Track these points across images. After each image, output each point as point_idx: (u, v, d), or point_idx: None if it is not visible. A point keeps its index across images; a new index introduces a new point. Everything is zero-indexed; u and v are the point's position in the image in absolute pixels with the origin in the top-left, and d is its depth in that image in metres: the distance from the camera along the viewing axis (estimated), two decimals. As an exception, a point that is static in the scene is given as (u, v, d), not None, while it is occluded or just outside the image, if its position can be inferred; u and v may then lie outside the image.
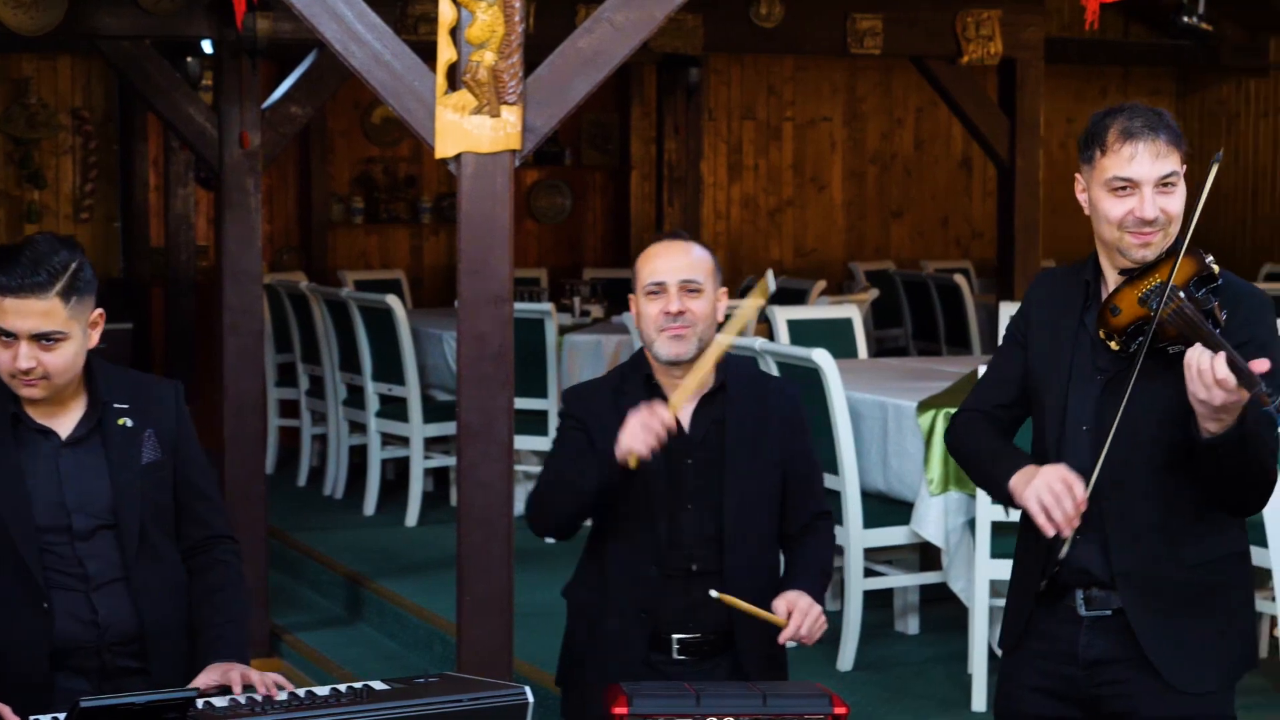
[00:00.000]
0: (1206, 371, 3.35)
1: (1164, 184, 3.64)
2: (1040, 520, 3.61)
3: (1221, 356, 3.34)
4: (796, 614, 4.06)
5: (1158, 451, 3.66)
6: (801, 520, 4.37)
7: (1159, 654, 3.67)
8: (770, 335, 9.08)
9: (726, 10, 9.76)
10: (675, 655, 4.25)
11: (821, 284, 11.89)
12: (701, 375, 4.16)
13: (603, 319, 10.69)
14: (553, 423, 9.07)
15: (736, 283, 14.02)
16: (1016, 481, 3.70)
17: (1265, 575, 5.56)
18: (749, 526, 4.26)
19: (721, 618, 4.23)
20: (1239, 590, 3.78)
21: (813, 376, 6.90)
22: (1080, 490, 3.60)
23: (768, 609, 4.16)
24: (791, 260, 14.88)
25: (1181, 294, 3.55)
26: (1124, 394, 3.61)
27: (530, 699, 3.62)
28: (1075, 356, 3.75)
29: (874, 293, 12.09)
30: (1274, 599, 5.02)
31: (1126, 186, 3.64)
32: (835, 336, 9.03)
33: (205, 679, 3.86)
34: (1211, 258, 3.62)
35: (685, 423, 4.27)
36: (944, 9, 10.05)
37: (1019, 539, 3.86)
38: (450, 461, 9.54)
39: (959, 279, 12.49)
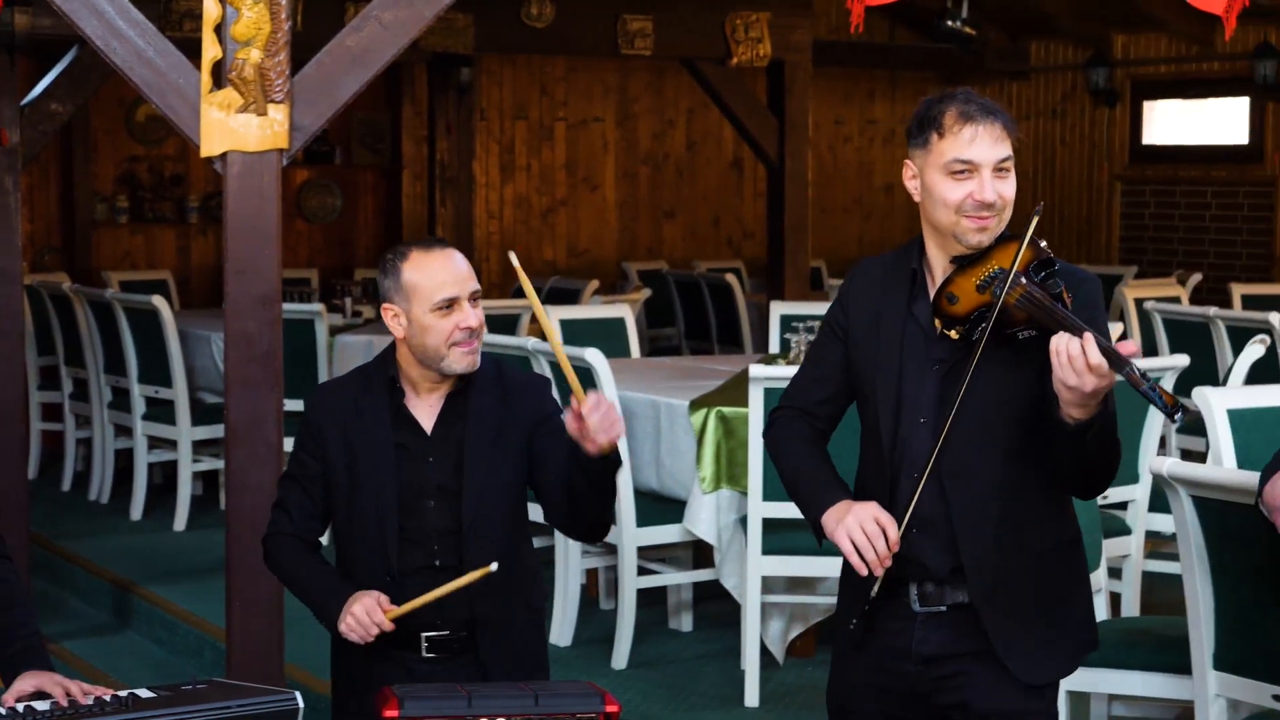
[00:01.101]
0: (1078, 357, 3.29)
1: (1000, 168, 3.59)
2: (854, 560, 3.57)
3: (1091, 339, 3.29)
4: (587, 408, 3.89)
5: (1001, 440, 3.63)
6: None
7: (1007, 647, 3.66)
8: (543, 335, 9.08)
9: (497, 10, 9.76)
10: (424, 654, 4.21)
11: (594, 284, 11.92)
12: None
13: (374, 319, 10.61)
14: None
15: (509, 284, 14.00)
16: (828, 519, 3.65)
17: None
18: (490, 521, 4.22)
19: (465, 614, 4.20)
20: (1078, 576, 3.79)
21: (585, 376, 6.91)
22: (894, 531, 3.56)
23: (510, 600, 4.21)
24: (564, 260, 14.90)
25: (1024, 279, 3.50)
26: (963, 382, 3.56)
27: (300, 704, 3.58)
28: (906, 348, 3.68)
29: (646, 292, 12.16)
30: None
31: (966, 170, 3.58)
32: (608, 336, 9.05)
33: (21, 686, 3.75)
34: (1046, 243, 3.59)
35: (429, 424, 4.23)
36: (713, 11, 10.14)
37: None
38: (220, 464, 9.41)
39: (730, 278, 12.60)
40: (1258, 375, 7.34)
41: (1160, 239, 15.14)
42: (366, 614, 4.02)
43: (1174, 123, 15.11)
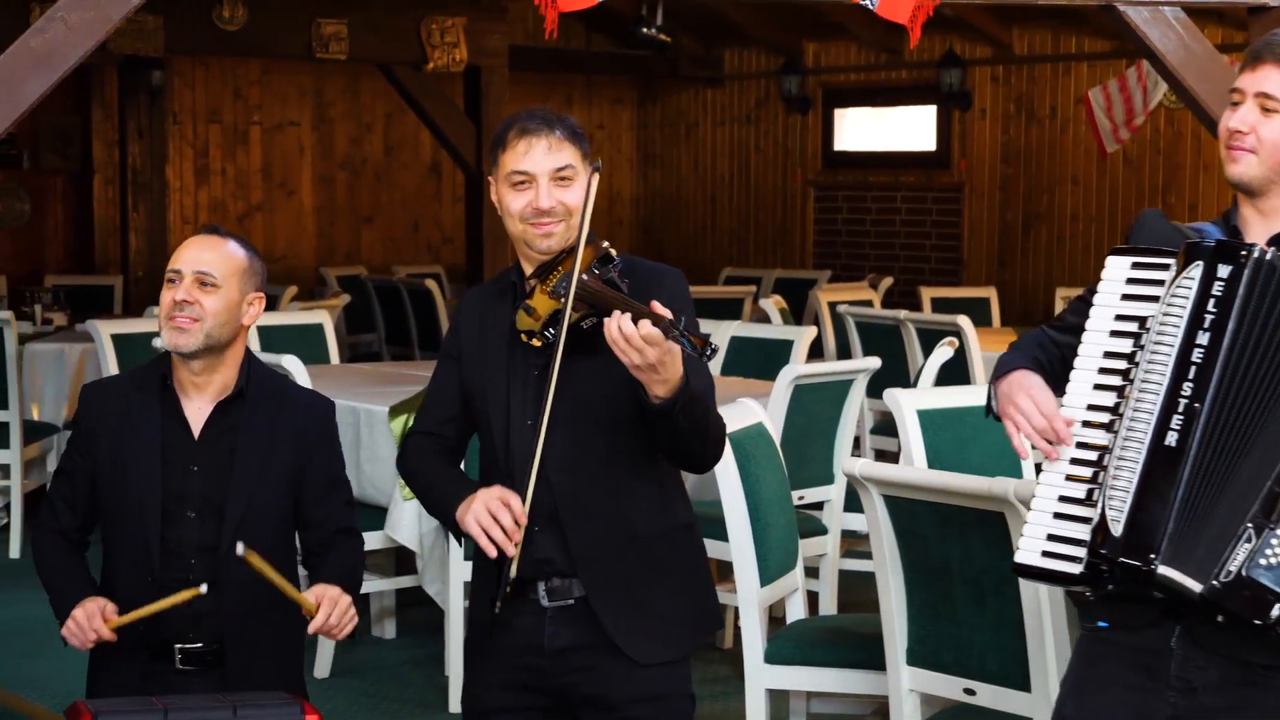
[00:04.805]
0: (632, 334, 3.40)
1: (559, 177, 3.74)
2: (482, 543, 3.65)
3: (629, 315, 3.41)
4: (326, 603, 3.99)
5: (601, 434, 3.74)
6: (320, 538, 4.27)
7: (620, 632, 3.75)
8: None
9: (188, 12, 9.61)
10: (178, 665, 4.13)
11: (292, 290, 11.80)
12: None
13: (66, 327, 10.36)
14: (14, 434, 8.75)
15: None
16: (459, 511, 3.72)
17: (728, 569, 5.76)
18: (253, 539, 4.06)
19: (216, 629, 4.12)
20: (692, 560, 3.91)
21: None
22: (518, 506, 3.65)
23: (263, 620, 4.12)
24: (261, 266, 14.70)
25: (585, 276, 3.64)
26: (550, 383, 3.65)
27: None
28: (513, 358, 3.80)
29: (345, 298, 12.06)
30: (735, 592, 5.21)
31: (525, 180, 3.73)
32: (307, 342, 8.97)
33: None
34: (607, 243, 3.71)
35: (197, 428, 4.15)
36: (409, 16, 10.10)
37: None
38: (-99, 479, 9.10)
39: (430, 284, 12.56)
40: (947, 377, 7.55)
41: (853, 243, 15.48)
42: (86, 620, 3.97)
43: (864, 129, 15.47)
